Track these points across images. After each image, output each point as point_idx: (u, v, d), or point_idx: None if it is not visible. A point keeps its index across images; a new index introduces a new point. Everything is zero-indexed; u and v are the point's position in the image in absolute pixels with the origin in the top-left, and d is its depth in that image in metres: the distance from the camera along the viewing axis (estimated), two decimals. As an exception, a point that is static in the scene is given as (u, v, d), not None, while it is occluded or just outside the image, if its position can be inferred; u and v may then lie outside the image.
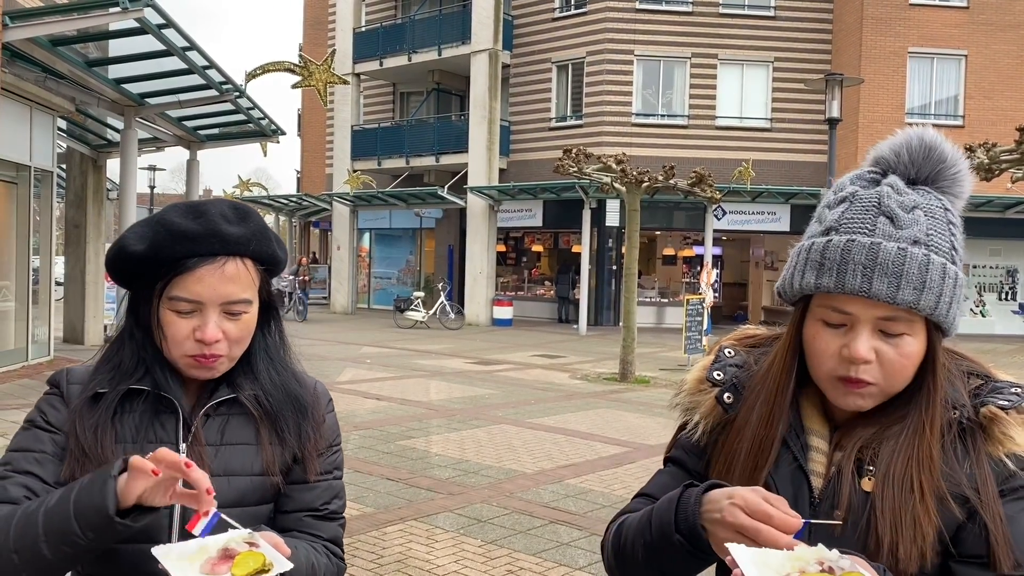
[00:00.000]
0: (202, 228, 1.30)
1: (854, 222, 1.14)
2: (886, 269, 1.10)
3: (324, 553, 1.41)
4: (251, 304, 1.36)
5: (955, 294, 1.14)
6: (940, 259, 1.12)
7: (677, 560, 1.15)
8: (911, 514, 1.11)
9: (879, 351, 1.13)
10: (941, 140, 1.19)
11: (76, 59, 10.67)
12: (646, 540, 1.19)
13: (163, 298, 1.32)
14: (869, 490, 1.14)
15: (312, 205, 29.18)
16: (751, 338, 1.36)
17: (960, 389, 1.17)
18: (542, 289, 25.68)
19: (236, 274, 1.33)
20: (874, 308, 1.12)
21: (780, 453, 1.20)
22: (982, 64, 22.14)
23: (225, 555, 1.13)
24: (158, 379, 1.34)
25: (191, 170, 15.63)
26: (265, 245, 1.37)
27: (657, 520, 1.17)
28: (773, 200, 22.28)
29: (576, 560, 5.01)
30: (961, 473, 1.12)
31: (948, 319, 1.14)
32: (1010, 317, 23.12)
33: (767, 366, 1.26)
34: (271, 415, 1.39)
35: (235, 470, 1.36)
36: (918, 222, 1.13)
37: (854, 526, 1.13)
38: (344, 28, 27.32)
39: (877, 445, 1.16)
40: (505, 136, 24.84)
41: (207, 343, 1.31)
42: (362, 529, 5.46)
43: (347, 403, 10.23)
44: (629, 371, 12.83)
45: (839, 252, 1.13)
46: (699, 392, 1.31)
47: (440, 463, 7.35)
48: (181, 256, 1.30)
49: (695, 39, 23.29)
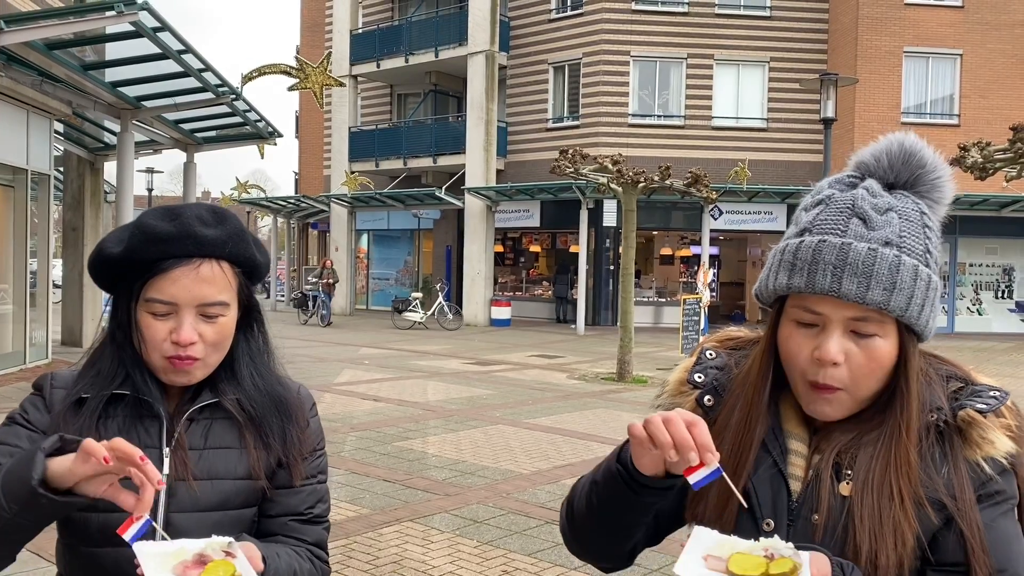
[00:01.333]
0: (177, 230, 1.31)
1: (827, 223, 1.15)
2: (856, 269, 1.11)
3: (308, 558, 1.41)
4: (228, 307, 1.36)
5: (928, 296, 1.14)
6: (912, 261, 1.13)
7: (618, 498, 1.17)
8: (891, 521, 1.10)
9: (849, 353, 1.13)
10: (921, 146, 1.19)
11: (72, 63, 10.68)
12: (594, 480, 1.23)
13: (140, 300, 1.33)
14: (847, 494, 1.14)
15: (310, 206, 29.18)
16: (733, 340, 1.36)
17: (938, 392, 1.17)
18: (540, 289, 25.70)
19: (211, 276, 1.33)
20: (844, 308, 1.12)
21: (760, 456, 1.20)
22: (977, 63, 22.18)
23: (199, 560, 1.13)
24: (138, 383, 1.35)
25: (188, 172, 15.64)
26: (242, 247, 1.37)
27: (605, 463, 1.22)
28: (769, 200, 22.32)
29: (572, 560, 5.03)
30: (939, 478, 1.12)
31: (920, 322, 1.14)
32: (1006, 315, 23.16)
33: (746, 370, 1.26)
34: (255, 420, 1.40)
35: (219, 474, 1.37)
36: (891, 224, 1.13)
37: (831, 530, 1.13)
38: (341, 30, 27.34)
39: (855, 450, 1.16)
40: (502, 137, 24.87)
41: (182, 345, 1.31)
42: (358, 530, 5.48)
43: (344, 404, 10.25)
44: (627, 371, 12.85)
45: (810, 252, 1.14)
46: (680, 394, 1.31)
47: (437, 464, 7.38)
48: (156, 258, 1.31)
49: (691, 40, 23.33)
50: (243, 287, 1.41)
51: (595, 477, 1.23)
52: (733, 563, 1.03)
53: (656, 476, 1.11)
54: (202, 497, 1.35)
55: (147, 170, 32.46)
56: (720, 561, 1.04)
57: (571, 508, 1.30)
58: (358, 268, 28.66)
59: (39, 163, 12.36)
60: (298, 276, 33.89)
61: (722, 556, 1.04)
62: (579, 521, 1.28)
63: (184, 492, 1.34)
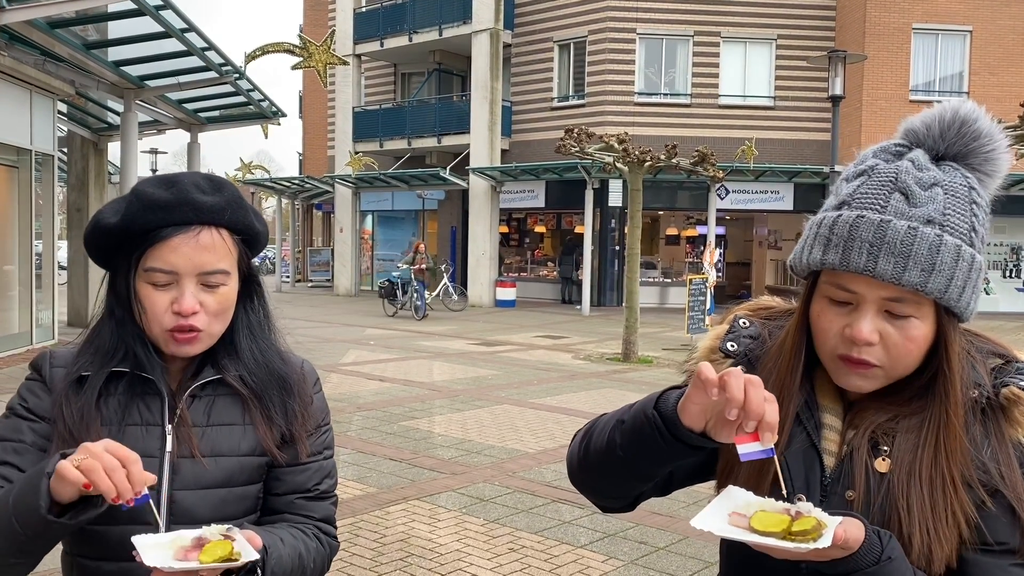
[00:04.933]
0: (174, 197, 1.29)
1: (867, 197, 1.10)
2: (893, 248, 1.06)
3: (314, 535, 1.40)
4: (229, 275, 1.34)
5: (970, 277, 1.09)
6: (954, 240, 1.07)
7: (643, 444, 1.12)
8: (946, 511, 1.06)
9: (884, 333, 1.09)
10: (978, 115, 1.13)
11: (75, 41, 10.62)
12: (620, 419, 1.17)
13: (139, 271, 1.31)
14: (884, 471, 1.10)
15: (314, 187, 29.12)
16: (766, 310, 1.31)
17: (980, 370, 1.13)
18: (545, 270, 25.65)
19: (211, 243, 1.31)
20: (879, 288, 1.08)
21: (794, 431, 1.17)
22: (987, 40, 21.93)
23: (198, 543, 1.13)
24: (140, 359, 1.33)
25: (192, 153, 15.59)
26: (241, 215, 1.35)
27: (639, 405, 1.15)
28: (776, 179, 22.18)
29: (578, 538, 5.04)
30: (983, 456, 1.08)
31: (960, 304, 1.09)
32: (1014, 295, 23.06)
33: (779, 344, 1.22)
34: (257, 394, 1.38)
35: (222, 451, 1.35)
36: (935, 200, 1.08)
37: (867, 507, 1.10)
38: (344, 8, 27.15)
39: (893, 430, 1.12)
40: (507, 116, 24.73)
41: (184, 314, 1.29)
42: (365, 509, 5.49)
43: (350, 385, 10.26)
44: (632, 351, 12.84)
45: (847, 228, 1.09)
46: (711, 362, 1.25)
47: (443, 443, 7.38)
48: (154, 226, 1.29)
49: (697, 16, 23.11)
50: (243, 256, 1.38)
51: (622, 416, 1.17)
52: (756, 520, 1.00)
53: (692, 430, 1.06)
54: (206, 474, 1.33)
55: (151, 151, 32.46)
56: (743, 518, 1.01)
57: (587, 441, 1.25)
58: (363, 249, 28.63)
59: (43, 143, 12.32)
60: (303, 257, 33.90)
61: (746, 513, 1.02)
62: (593, 456, 1.23)
63: (188, 469, 1.32)
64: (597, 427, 1.24)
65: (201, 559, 1.11)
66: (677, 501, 5.56)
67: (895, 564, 1.02)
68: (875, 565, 1.01)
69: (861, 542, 1.00)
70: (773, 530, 0.98)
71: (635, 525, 5.26)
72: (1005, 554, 1.07)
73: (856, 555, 1.00)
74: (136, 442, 1.31)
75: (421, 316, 18.90)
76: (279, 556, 1.27)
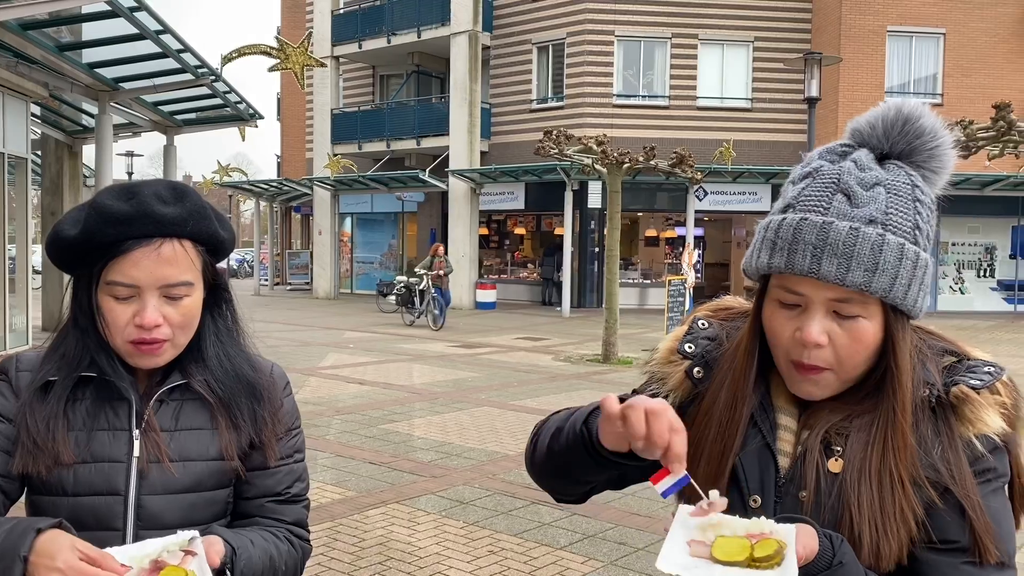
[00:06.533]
0: (134, 210, 1.27)
1: (811, 199, 1.11)
2: (836, 249, 1.06)
3: (286, 538, 1.39)
4: (192, 287, 1.33)
5: (915, 275, 1.09)
6: (897, 239, 1.08)
7: (576, 457, 1.16)
8: (894, 509, 1.07)
9: (832, 334, 1.10)
10: (921, 112, 1.13)
11: (48, 43, 10.49)
12: (559, 428, 1.22)
13: (100, 284, 1.29)
14: (836, 472, 1.11)
15: (293, 190, 28.97)
16: (725, 310, 1.32)
17: (931, 368, 1.13)
18: (525, 272, 25.66)
19: (173, 256, 1.29)
20: (825, 289, 1.08)
21: (749, 432, 1.17)
22: (960, 42, 22.22)
23: (155, 567, 1.12)
24: (104, 367, 1.31)
25: (168, 156, 15.44)
26: (204, 225, 1.33)
27: (577, 415, 1.19)
28: (754, 180, 22.34)
29: (558, 540, 5.03)
30: (933, 455, 1.09)
31: (907, 302, 1.10)
32: (988, 294, 23.35)
33: (734, 346, 1.23)
34: (224, 401, 1.37)
35: (191, 455, 1.34)
36: (876, 200, 1.08)
37: (820, 507, 1.10)
38: (322, 10, 27.04)
39: (846, 430, 1.12)
40: (486, 118, 24.72)
41: (147, 328, 1.27)
42: (344, 513, 5.46)
43: (329, 388, 10.21)
44: (612, 352, 12.87)
45: (791, 231, 1.10)
46: (670, 363, 1.28)
47: (423, 446, 7.36)
48: (114, 239, 1.26)
49: (675, 19, 23.22)
50: (207, 265, 1.36)
51: (561, 424, 1.21)
52: (717, 548, 1.00)
53: (616, 451, 1.09)
54: (174, 479, 1.32)
55: (127, 153, 32.14)
56: (704, 547, 1.01)
57: (535, 442, 1.30)
58: (342, 252, 28.51)
59: (16, 146, 12.16)
60: (282, 260, 33.70)
61: (706, 541, 1.01)
62: (538, 459, 1.27)
63: (156, 474, 1.31)
64: (544, 430, 1.27)
65: None
66: (656, 502, 5.57)
67: (846, 568, 1.03)
68: (827, 570, 1.02)
69: (817, 551, 1.01)
70: (737, 559, 0.98)
71: (614, 526, 5.27)
72: (956, 552, 1.08)
73: (810, 562, 1.01)
74: (103, 447, 1.30)
75: (440, 326, 17.35)
76: (249, 557, 1.26)
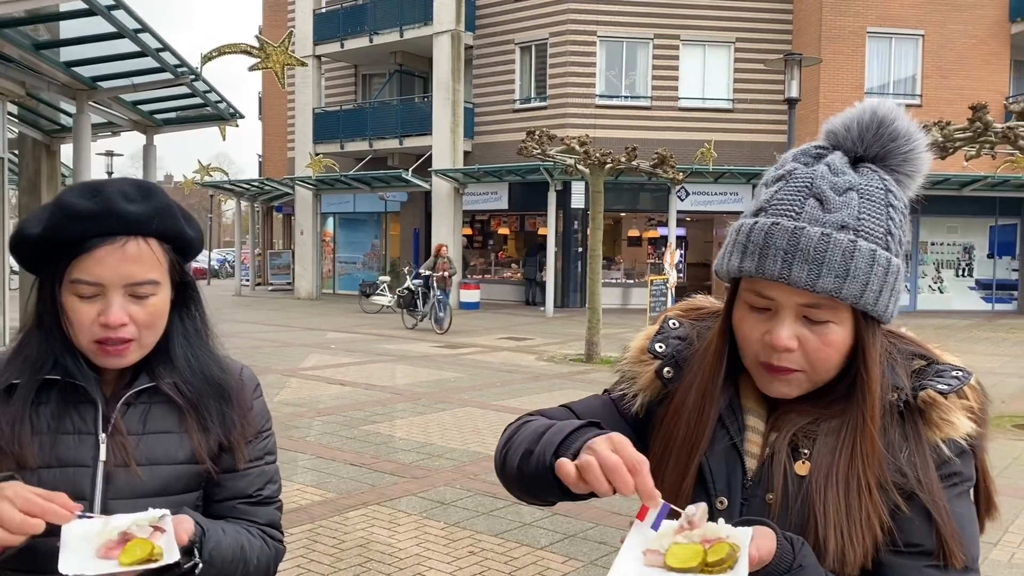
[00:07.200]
0: (98, 207, 1.26)
1: (783, 203, 1.10)
2: (807, 255, 1.06)
3: (259, 535, 1.39)
4: (159, 286, 1.31)
5: (886, 281, 1.09)
6: (869, 245, 1.07)
7: (544, 485, 1.12)
8: (860, 515, 1.07)
9: (802, 339, 1.09)
10: (896, 115, 1.12)
11: (24, 42, 10.37)
12: (528, 451, 1.16)
13: (64, 282, 1.28)
14: (803, 474, 1.10)
15: (274, 189, 28.81)
16: (698, 310, 1.32)
17: (900, 372, 1.13)
18: (509, 272, 25.65)
19: (139, 254, 1.28)
20: (795, 295, 1.08)
21: (716, 433, 1.17)
22: (938, 44, 22.43)
23: (123, 539, 1.12)
24: (70, 369, 1.30)
25: (148, 155, 15.29)
26: (170, 223, 1.32)
27: (550, 435, 1.13)
28: (735, 181, 22.44)
29: (538, 540, 5.03)
30: (900, 459, 1.09)
31: (878, 307, 1.09)
32: (967, 293, 23.59)
33: (704, 347, 1.22)
34: (193, 403, 1.36)
35: (158, 459, 1.32)
36: (849, 205, 1.07)
37: (787, 510, 1.10)
38: (304, 9, 26.92)
39: (814, 433, 1.12)
40: (469, 118, 24.69)
41: (112, 327, 1.26)
42: (324, 515, 5.43)
43: (311, 389, 10.16)
44: (595, 352, 12.89)
45: (763, 235, 1.09)
46: (640, 362, 1.28)
47: (404, 447, 7.34)
48: (79, 237, 1.25)
49: (657, 20, 23.30)
50: (175, 264, 1.35)
51: (532, 447, 1.16)
52: (670, 556, 0.99)
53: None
54: (141, 483, 1.30)
55: (107, 153, 31.83)
56: (658, 555, 1.00)
57: (505, 452, 1.24)
58: (324, 252, 28.39)
59: (-8, 146, 12.02)
60: (263, 260, 33.50)
61: (660, 549, 1.01)
62: (509, 473, 1.22)
63: (123, 479, 1.30)
64: (514, 444, 1.22)
65: (120, 559, 1.10)
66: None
67: (806, 571, 1.02)
68: (787, 573, 1.01)
69: (773, 553, 1.00)
70: (690, 565, 0.98)
71: (595, 526, 5.28)
72: (920, 555, 1.08)
73: (769, 565, 1.00)
74: (69, 451, 1.28)
75: (445, 329, 16.70)
76: (218, 541, 1.26)
